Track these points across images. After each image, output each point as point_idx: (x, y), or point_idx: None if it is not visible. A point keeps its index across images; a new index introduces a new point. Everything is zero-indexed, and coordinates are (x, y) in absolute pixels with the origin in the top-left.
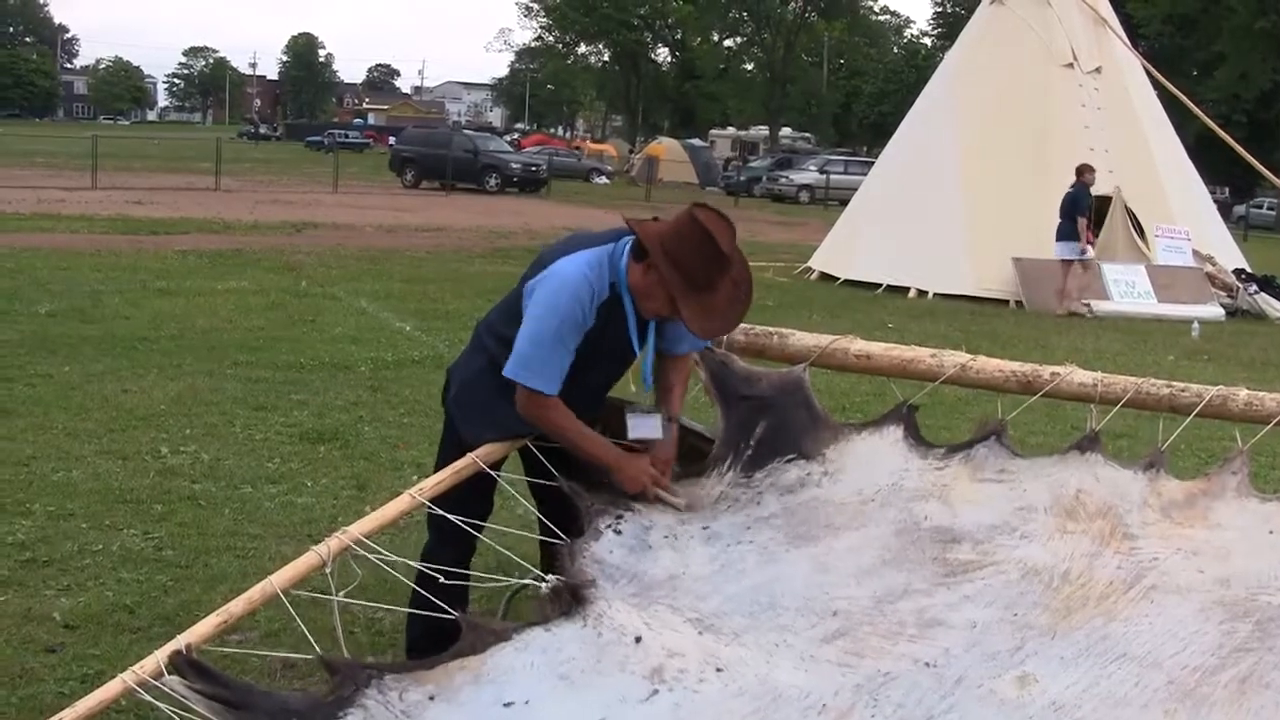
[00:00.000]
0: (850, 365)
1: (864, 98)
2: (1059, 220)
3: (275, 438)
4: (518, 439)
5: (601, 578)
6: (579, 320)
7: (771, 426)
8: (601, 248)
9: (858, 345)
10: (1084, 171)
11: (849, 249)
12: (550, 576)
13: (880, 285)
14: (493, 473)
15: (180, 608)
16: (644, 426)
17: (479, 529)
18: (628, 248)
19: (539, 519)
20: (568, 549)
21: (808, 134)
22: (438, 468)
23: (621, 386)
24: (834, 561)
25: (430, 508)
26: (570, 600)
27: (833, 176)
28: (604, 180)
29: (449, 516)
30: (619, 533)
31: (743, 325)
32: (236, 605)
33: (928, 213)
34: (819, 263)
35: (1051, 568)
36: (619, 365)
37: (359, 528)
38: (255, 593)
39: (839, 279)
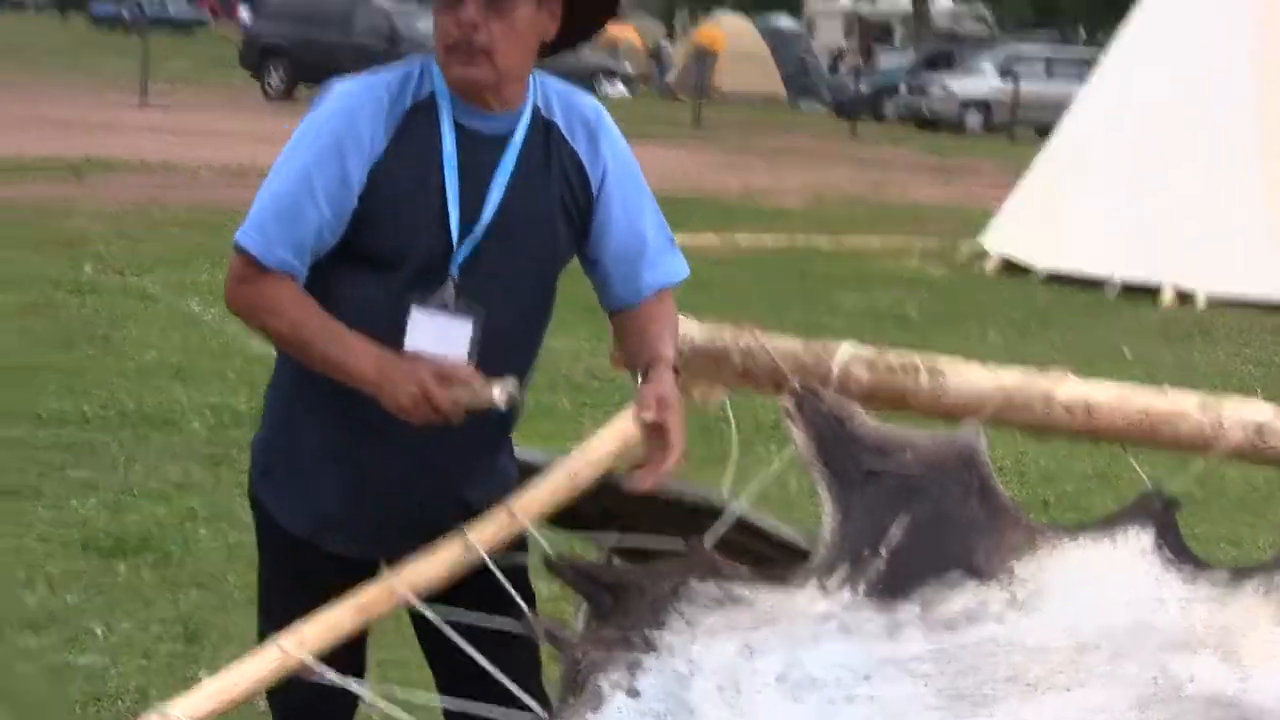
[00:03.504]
0: (1057, 423)
1: None
2: None
3: (38, 547)
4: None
5: None
6: (347, 134)
7: (920, 525)
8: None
9: (1070, 388)
10: None
11: (1055, 219)
12: None
13: (1112, 282)
14: (423, 606)
15: None
16: (435, 333)
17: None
18: None
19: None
20: None
21: (981, 5)
22: (266, 612)
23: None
24: None
25: (315, 669)
26: None
27: (1025, 85)
28: (620, 90)
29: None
30: (635, 694)
31: (871, 354)
32: None
33: (1200, 156)
34: (1001, 242)
35: None
36: (433, 242)
37: (190, 708)
38: None
39: (1037, 271)
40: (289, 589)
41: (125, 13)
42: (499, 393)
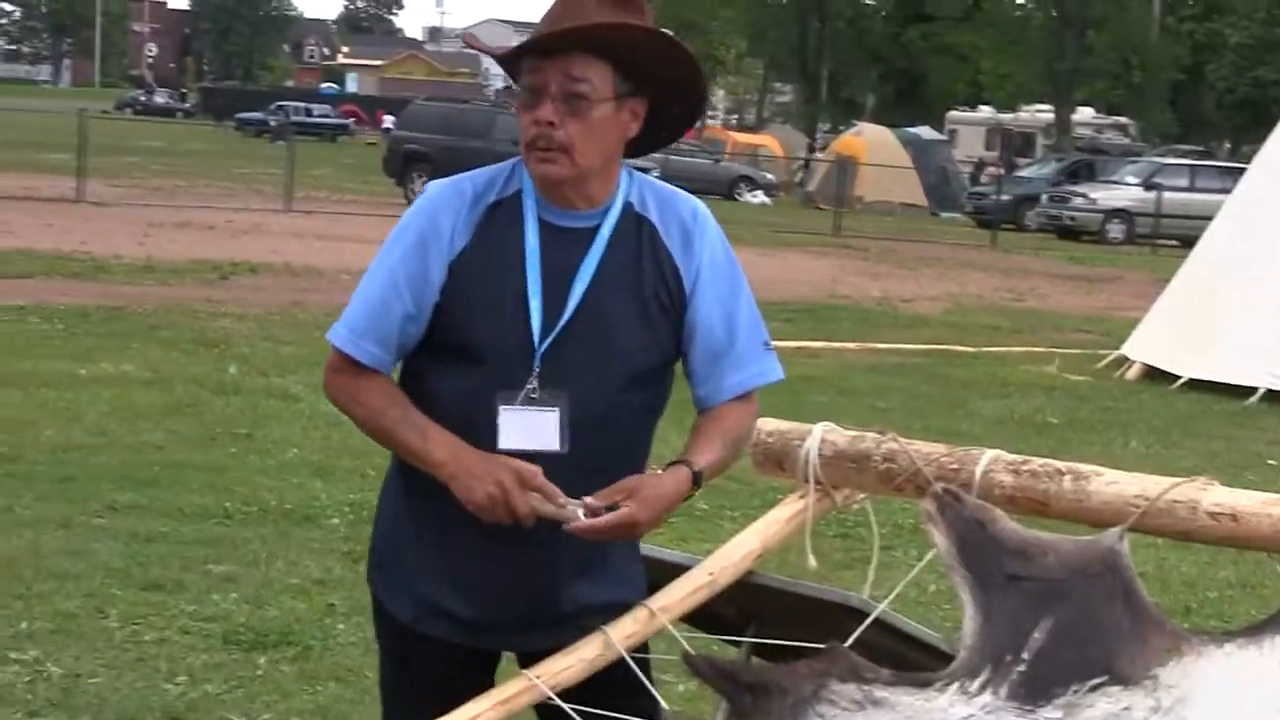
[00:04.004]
0: (1201, 531)
1: (1227, 56)
2: None
3: (180, 639)
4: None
5: None
6: (429, 230)
7: (1062, 629)
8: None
9: (1215, 496)
10: None
11: (1198, 327)
12: None
13: (1256, 390)
14: (561, 703)
15: None
16: (525, 428)
17: None
18: None
19: None
20: None
21: (1123, 118)
22: (385, 705)
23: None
24: None
25: None
26: None
27: (1168, 195)
28: (760, 198)
29: None
30: None
31: (1013, 459)
32: None
33: None
34: (1143, 350)
35: None
36: (516, 335)
37: None
38: None
39: (1179, 378)
40: (400, 678)
41: (270, 120)
42: (577, 509)
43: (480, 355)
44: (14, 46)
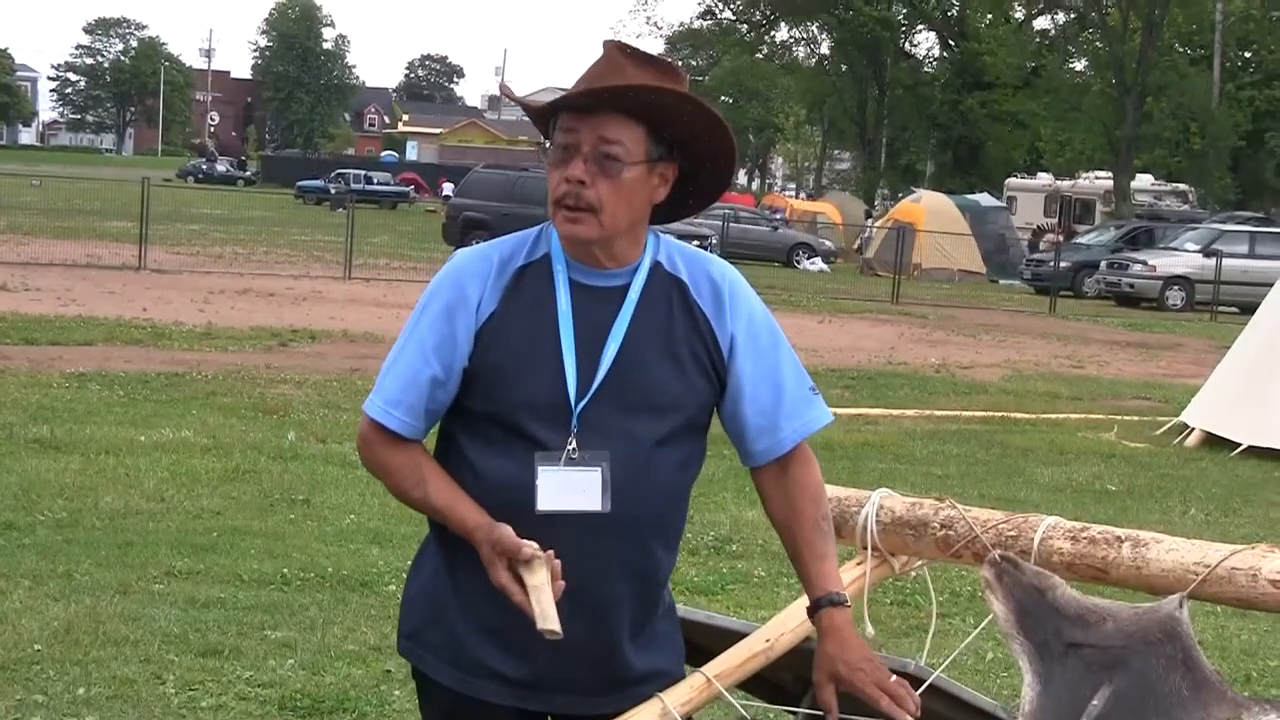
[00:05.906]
0: (1262, 599)
1: None
2: None
3: (236, 705)
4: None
5: None
6: (455, 298)
7: (1122, 696)
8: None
9: (1275, 564)
10: None
11: (1258, 394)
12: None
13: None
14: None
15: None
16: (567, 489)
17: None
18: None
19: None
20: None
21: (1182, 185)
22: None
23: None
24: None
25: None
26: None
27: (1227, 262)
28: (818, 265)
29: None
30: None
31: (1072, 526)
32: None
33: None
34: (1201, 417)
35: None
36: (552, 396)
37: None
38: None
39: (1239, 445)
40: None
41: (331, 188)
42: (550, 618)
43: (515, 419)
44: (79, 115)
